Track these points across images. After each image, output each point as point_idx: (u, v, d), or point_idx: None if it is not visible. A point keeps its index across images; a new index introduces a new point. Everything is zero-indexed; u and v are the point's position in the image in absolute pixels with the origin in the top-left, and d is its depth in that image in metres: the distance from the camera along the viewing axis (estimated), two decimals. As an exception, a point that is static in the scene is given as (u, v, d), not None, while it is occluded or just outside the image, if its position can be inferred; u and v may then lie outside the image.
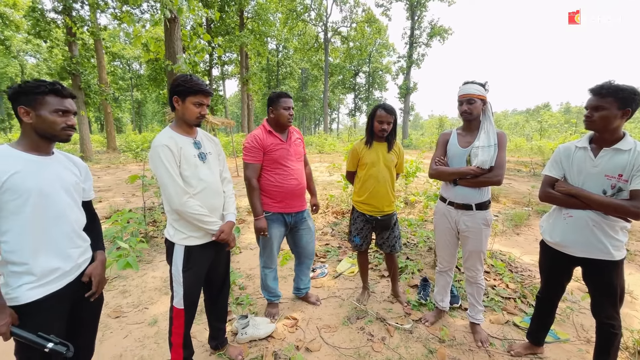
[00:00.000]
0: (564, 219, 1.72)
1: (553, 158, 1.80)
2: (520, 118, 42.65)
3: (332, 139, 22.99)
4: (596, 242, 1.62)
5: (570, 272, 1.83)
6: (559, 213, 1.76)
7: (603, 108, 1.54)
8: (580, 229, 1.65)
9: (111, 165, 12.42)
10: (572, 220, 1.68)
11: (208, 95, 1.60)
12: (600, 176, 1.59)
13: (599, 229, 1.61)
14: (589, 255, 1.65)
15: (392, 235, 2.50)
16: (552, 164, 1.79)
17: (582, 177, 1.66)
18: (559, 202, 1.74)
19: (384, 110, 2.26)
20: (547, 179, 1.80)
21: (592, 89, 1.59)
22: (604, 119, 1.54)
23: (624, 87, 1.50)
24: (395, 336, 2.25)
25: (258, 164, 2.23)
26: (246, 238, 4.21)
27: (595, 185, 1.61)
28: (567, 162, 1.73)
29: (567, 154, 1.74)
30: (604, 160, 1.59)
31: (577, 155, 1.69)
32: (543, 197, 1.81)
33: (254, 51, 24.41)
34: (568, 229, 1.70)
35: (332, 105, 49.95)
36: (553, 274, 1.88)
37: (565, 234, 1.71)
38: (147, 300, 2.69)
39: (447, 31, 26.89)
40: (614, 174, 1.56)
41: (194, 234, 1.63)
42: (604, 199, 1.56)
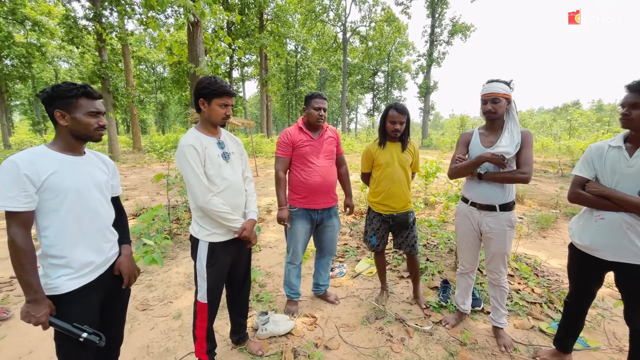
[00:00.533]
0: (595, 221, 1.65)
1: (584, 158, 1.73)
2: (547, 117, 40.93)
3: (350, 139, 22.91)
4: (630, 245, 1.54)
5: (601, 278, 1.75)
6: (590, 215, 1.68)
7: None
8: (613, 232, 1.58)
9: (137, 165, 12.93)
10: (604, 222, 1.61)
11: (232, 96, 1.65)
12: (636, 177, 1.52)
13: (633, 232, 1.53)
14: (622, 259, 1.57)
15: (412, 234, 2.48)
16: (583, 163, 1.72)
17: (615, 177, 1.58)
18: (589, 204, 1.67)
19: (396, 110, 2.26)
20: (577, 180, 1.73)
21: (629, 85, 1.51)
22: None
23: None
24: (414, 337, 2.22)
25: (287, 158, 2.32)
26: (266, 236, 4.28)
27: (630, 187, 1.53)
28: (599, 162, 1.65)
29: (599, 154, 1.66)
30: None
31: (611, 154, 1.61)
32: (573, 199, 1.74)
33: (273, 52, 24.74)
34: (599, 231, 1.63)
35: (350, 106, 49.77)
36: (582, 278, 1.80)
37: (597, 236, 1.64)
38: (172, 294, 2.79)
39: (469, 28, 26.16)
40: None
41: (217, 231, 1.69)
42: (638, 201, 1.49)
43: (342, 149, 2.56)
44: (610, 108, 44.57)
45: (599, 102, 47.33)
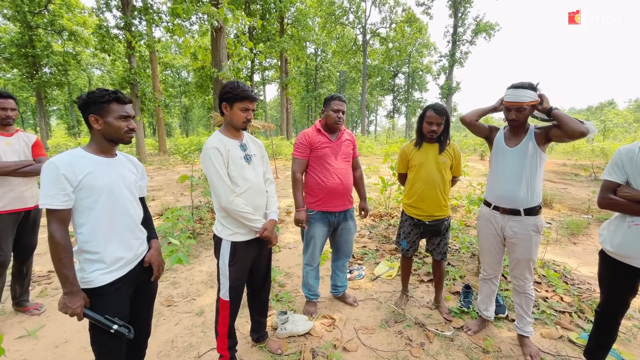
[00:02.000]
0: (628, 227, 1.56)
1: (613, 161, 1.64)
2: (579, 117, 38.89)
3: (370, 141, 22.75)
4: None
5: (635, 286, 1.65)
6: (622, 221, 1.60)
7: None
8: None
9: (162, 167, 13.43)
10: (637, 228, 1.53)
11: (254, 101, 1.70)
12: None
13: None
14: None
15: (444, 241, 2.43)
16: (613, 167, 1.63)
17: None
18: (622, 209, 1.58)
19: (434, 111, 2.22)
20: (607, 184, 1.65)
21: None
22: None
23: None
24: (435, 342, 2.18)
25: (304, 159, 2.34)
26: (285, 237, 4.33)
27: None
28: (630, 165, 1.57)
29: (630, 157, 1.58)
30: None
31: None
32: (603, 204, 1.65)
33: (293, 56, 25.00)
34: (633, 238, 1.54)
35: (370, 108, 49.46)
36: (614, 287, 1.71)
37: (630, 243, 1.56)
38: (195, 292, 2.88)
39: (493, 27, 25.40)
40: None
41: (239, 231, 1.74)
42: None
43: (357, 152, 2.56)
44: (650, 107, 41.77)
45: (637, 101, 44.46)
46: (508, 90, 1.92)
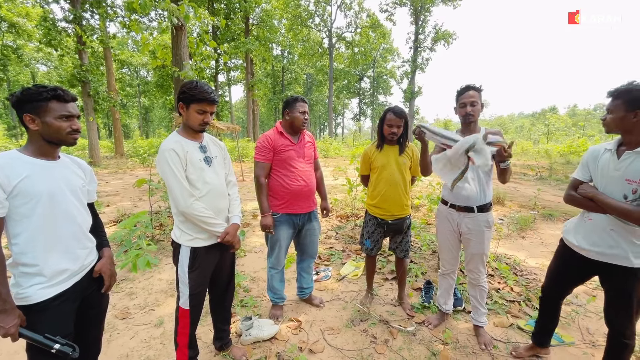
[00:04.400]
0: (584, 222, 1.69)
1: (582, 160, 1.76)
2: (526, 121, 42.31)
3: (337, 144, 23.06)
4: (615, 247, 1.56)
5: (583, 276, 1.78)
6: (582, 216, 1.73)
7: (613, 110, 1.53)
8: (599, 233, 1.61)
9: (119, 171, 12.61)
10: (591, 223, 1.65)
11: (212, 103, 1.63)
12: (622, 180, 1.52)
13: (617, 234, 1.56)
14: (606, 260, 1.60)
15: (406, 239, 2.51)
16: (580, 166, 1.75)
17: (604, 180, 1.61)
18: (579, 205, 1.70)
19: (394, 113, 2.29)
20: (573, 181, 1.77)
21: (608, 91, 1.56)
22: (613, 121, 1.53)
23: (632, 88, 1.47)
24: (398, 338, 2.25)
25: (267, 163, 2.30)
26: (251, 241, 4.25)
27: (616, 190, 1.54)
28: (593, 165, 1.68)
29: (594, 156, 1.69)
30: (626, 164, 1.52)
31: (604, 157, 1.63)
32: (566, 199, 1.77)
33: (259, 57, 24.70)
34: (588, 232, 1.66)
35: (337, 110, 50.17)
36: (566, 275, 1.84)
37: (585, 237, 1.67)
38: (154, 302, 2.73)
39: (451, 35, 26.89)
40: (634, 179, 1.48)
41: (199, 236, 1.67)
42: (617, 204, 1.50)
43: (317, 153, 2.58)
44: (585, 113, 46.47)
45: (574, 108, 49.29)
46: (459, 90, 2.08)
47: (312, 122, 53.85)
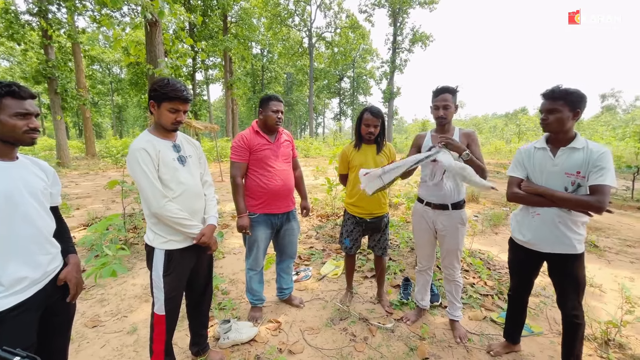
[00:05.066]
0: (532, 217, 1.79)
1: (515, 159, 1.89)
2: (499, 121, 44.03)
3: (318, 143, 23.10)
4: (562, 237, 1.70)
5: (538, 269, 1.91)
6: (527, 212, 1.83)
7: (557, 111, 1.64)
8: (548, 226, 1.72)
9: (90, 172, 12.05)
10: (539, 218, 1.76)
11: (185, 102, 1.58)
12: (561, 174, 1.68)
13: (563, 225, 1.69)
14: (556, 250, 1.73)
15: (384, 237, 2.54)
16: (515, 164, 1.88)
17: (544, 176, 1.74)
18: (526, 202, 1.81)
19: (370, 113, 2.31)
20: (512, 180, 1.88)
21: (544, 93, 1.69)
22: (558, 120, 1.65)
23: (573, 91, 1.61)
24: (377, 336, 2.28)
25: (243, 162, 2.26)
26: (230, 243, 4.18)
27: (557, 183, 1.69)
28: (528, 163, 1.82)
29: (528, 155, 1.83)
30: (563, 159, 1.68)
31: (537, 155, 1.78)
32: (511, 197, 1.87)
33: (238, 56, 24.35)
34: (536, 226, 1.77)
35: (318, 110, 50.24)
36: (523, 271, 1.95)
37: (534, 231, 1.78)
38: (127, 308, 2.63)
39: (428, 37, 27.57)
40: (572, 172, 1.65)
41: (174, 238, 1.62)
42: (569, 196, 1.64)
43: (296, 152, 2.57)
44: (553, 114, 48.78)
45: (544, 109, 51.73)
46: (434, 92, 2.12)
47: (292, 121, 53.69)
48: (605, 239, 4.41)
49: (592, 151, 1.61)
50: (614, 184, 1.56)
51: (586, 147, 1.64)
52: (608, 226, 5.03)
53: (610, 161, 1.59)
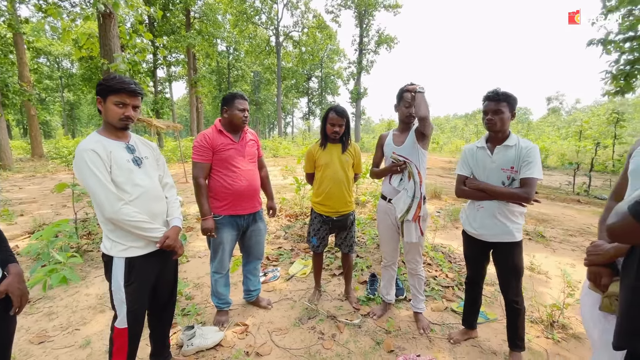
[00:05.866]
0: (477, 210, 1.95)
1: (461, 158, 2.04)
2: (459, 122, 46.45)
3: (287, 143, 22.94)
4: (503, 227, 1.86)
5: (488, 257, 2.06)
6: (473, 205, 1.99)
7: (501, 112, 1.80)
8: (490, 217, 1.88)
9: (36, 174, 11.05)
10: (483, 210, 1.91)
11: (133, 95, 1.48)
12: (498, 170, 1.85)
13: (503, 216, 1.85)
14: (498, 239, 1.88)
15: (350, 235, 2.58)
16: (461, 163, 2.03)
17: (486, 172, 1.90)
18: (472, 196, 1.97)
19: (335, 112, 2.33)
20: (459, 178, 2.03)
21: (489, 95, 1.83)
22: (502, 120, 1.80)
23: (510, 94, 1.80)
24: (345, 332, 2.31)
25: (206, 163, 2.19)
26: (194, 246, 4.03)
27: (496, 179, 1.86)
28: (472, 161, 1.97)
29: (471, 154, 1.98)
30: (499, 157, 1.85)
31: (479, 154, 1.94)
32: (459, 193, 2.04)
33: (202, 52, 23.52)
34: (481, 218, 1.92)
35: (286, 109, 49.91)
36: (475, 260, 2.10)
37: (479, 223, 1.93)
38: (79, 320, 2.44)
39: (393, 40, 28.42)
40: (507, 167, 1.82)
41: (134, 244, 1.52)
42: (502, 189, 1.82)
43: (262, 151, 2.54)
44: (507, 115, 52.28)
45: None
46: (401, 91, 2.22)
47: (260, 120, 52.91)
48: (550, 229, 4.82)
49: (522, 147, 1.80)
50: (539, 176, 1.75)
51: (517, 144, 1.82)
52: (554, 218, 5.49)
53: (537, 156, 1.77)
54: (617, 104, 24.62)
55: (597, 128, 12.43)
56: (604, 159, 12.00)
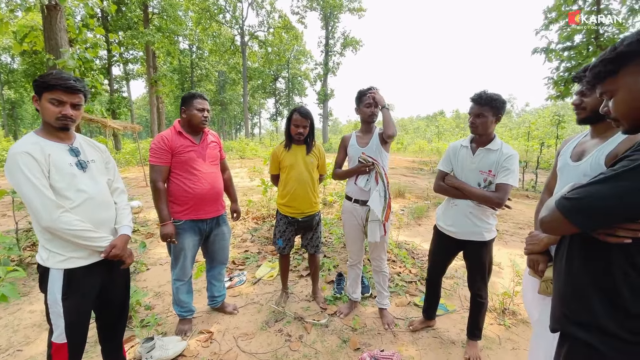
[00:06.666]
0: (451, 208, 2.02)
1: (444, 154, 2.09)
2: (422, 123, 48.47)
3: (254, 144, 22.55)
4: (473, 226, 1.92)
5: (454, 254, 2.14)
6: (448, 202, 2.06)
7: (483, 115, 1.83)
8: (462, 216, 1.95)
9: (-29, 181, 9.91)
10: (456, 208, 1.98)
11: (70, 92, 1.37)
12: (477, 171, 1.89)
13: (474, 216, 1.92)
14: (468, 237, 1.95)
15: (316, 235, 2.59)
16: (444, 159, 2.08)
17: (465, 172, 1.95)
18: (447, 193, 2.03)
19: (299, 114, 2.33)
20: (440, 173, 2.09)
21: (472, 98, 1.86)
22: (484, 124, 1.84)
23: (496, 97, 1.80)
24: (312, 333, 2.32)
25: (165, 166, 2.09)
26: (155, 253, 3.84)
27: (473, 179, 1.91)
28: (454, 159, 2.02)
29: (454, 152, 2.03)
30: (479, 158, 1.89)
31: (461, 152, 1.98)
32: (436, 189, 2.09)
33: (162, 50, 22.43)
34: (454, 215, 1.99)
35: (253, 110, 49.04)
36: (441, 255, 2.18)
37: (453, 220, 2.00)
38: (22, 340, 2.23)
39: (358, 42, 29.01)
40: (485, 170, 1.86)
41: (75, 255, 1.42)
42: (476, 191, 1.86)
43: (224, 153, 2.48)
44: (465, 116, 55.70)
45: (457, 111, 58.58)
46: (362, 92, 2.27)
47: (227, 121, 51.57)
48: (503, 223, 5.19)
49: (503, 153, 1.84)
50: (515, 184, 1.81)
51: (500, 149, 1.85)
52: (506, 212, 5.91)
53: (516, 164, 1.83)
54: (559, 107, 27.03)
55: (543, 129, 13.58)
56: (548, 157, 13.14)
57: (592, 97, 1.23)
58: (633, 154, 0.76)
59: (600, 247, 0.83)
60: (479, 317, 2.06)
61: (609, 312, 0.81)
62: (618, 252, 0.80)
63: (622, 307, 0.79)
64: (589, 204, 0.78)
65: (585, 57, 9.18)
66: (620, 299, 0.79)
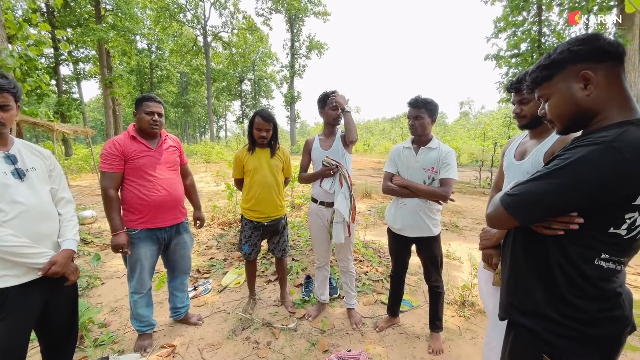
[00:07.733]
0: (400, 208, 2.10)
1: (389, 156, 2.19)
2: (387, 125, 50.00)
3: (220, 147, 21.92)
4: (422, 223, 2.04)
5: (409, 251, 2.25)
6: (397, 203, 2.14)
7: (420, 117, 1.97)
8: (412, 214, 2.05)
9: None
10: (405, 207, 2.07)
11: (4, 92, 1.27)
12: (420, 170, 2.02)
13: (422, 213, 2.03)
14: (419, 234, 2.07)
15: (282, 239, 2.56)
16: (389, 161, 2.18)
17: (410, 171, 2.07)
18: (396, 193, 2.12)
19: (261, 117, 2.31)
20: (386, 174, 2.18)
21: (410, 102, 2.01)
22: (422, 125, 1.98)
23: (430, 100, 1.97)
24: (280, 338, 2.29)
25: (117, 172, 1.97)
26: (112, 265, 3.59)
27: (418, 178, 2.03)
28: (398, 160, 2.13)
29: (397, 153, 2.14)
30: (422, 157, 2.02)
31: (404, 154, 2.10)
32: (385, 190, 2.18)
33: (118, 49, 21.14)
34: (403, 215, 2.08)
35: (218, 112, 47.73)
36: (399, 254, 2.27)
37: (402, 219, 2.09)
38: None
39: (323, 46, 29.31)
40: (429, 167, 2.00)
41: (9, 272, 1.29)
42: (424, 187, 1.99)
43: (185, 158, 2.39)
44: (427, 119, 58.12)
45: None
46: (327, 94, 2.31)
47: (190, 124, 49.72)
48: (462, 219, 5.48)
49: (442, 151, 1.99)
50: (455, 177, 1.97)
51: (439, 147, 2.01)
52: (465, 209, 6.26)
53: (454, 159, 1.99)
54: (509, 109, 29.00)
55: (496, 130, 14.56)
56: (502, 156, 14.04)
57: (529, 106, 1.36)
58: (564, 153, 0.84)
59: (539, 240, 0.90)
60: (438, 307, 2.17)
61: (548, 299, 0.88)
62: (553, 244, 0.87)
63: (559, 295, 0.87)
64: (527, 199, 0.85)
65: (530, 63, 10.02)
66: (557, 287, 0.87)
